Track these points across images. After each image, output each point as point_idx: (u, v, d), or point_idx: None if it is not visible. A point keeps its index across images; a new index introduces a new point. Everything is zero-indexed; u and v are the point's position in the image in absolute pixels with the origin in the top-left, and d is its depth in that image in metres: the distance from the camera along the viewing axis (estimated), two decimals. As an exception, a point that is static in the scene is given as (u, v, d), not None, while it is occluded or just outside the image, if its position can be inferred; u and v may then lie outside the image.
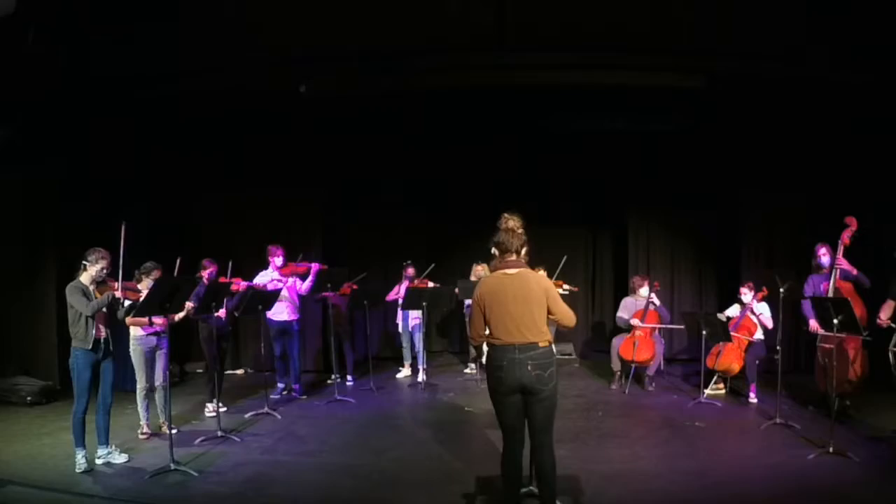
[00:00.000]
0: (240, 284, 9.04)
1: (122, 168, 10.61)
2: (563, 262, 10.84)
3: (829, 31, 7.86)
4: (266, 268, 9.71)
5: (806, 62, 8.56)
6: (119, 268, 6.72)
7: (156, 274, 7.75)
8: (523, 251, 5.21)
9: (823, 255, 8.45)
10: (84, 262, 6.70)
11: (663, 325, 10.41)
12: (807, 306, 8.35)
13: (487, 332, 5.15)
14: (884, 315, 7.26)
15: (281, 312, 9.63)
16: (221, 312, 8.47)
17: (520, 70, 9.11)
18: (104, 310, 6.71)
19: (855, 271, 8.10)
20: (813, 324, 8.23)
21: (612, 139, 11.66)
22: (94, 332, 6.60)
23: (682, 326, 10.62)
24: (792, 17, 7.68)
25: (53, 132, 9.65)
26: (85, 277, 6.68)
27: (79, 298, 6.55)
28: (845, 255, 8.09)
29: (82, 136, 9.97)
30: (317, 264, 9.80)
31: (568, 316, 5.22)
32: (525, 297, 5.02)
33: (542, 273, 5.29)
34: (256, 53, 8.63)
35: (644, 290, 10.50)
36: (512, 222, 5.21)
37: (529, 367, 4.95)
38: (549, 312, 5.12)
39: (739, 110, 10.36)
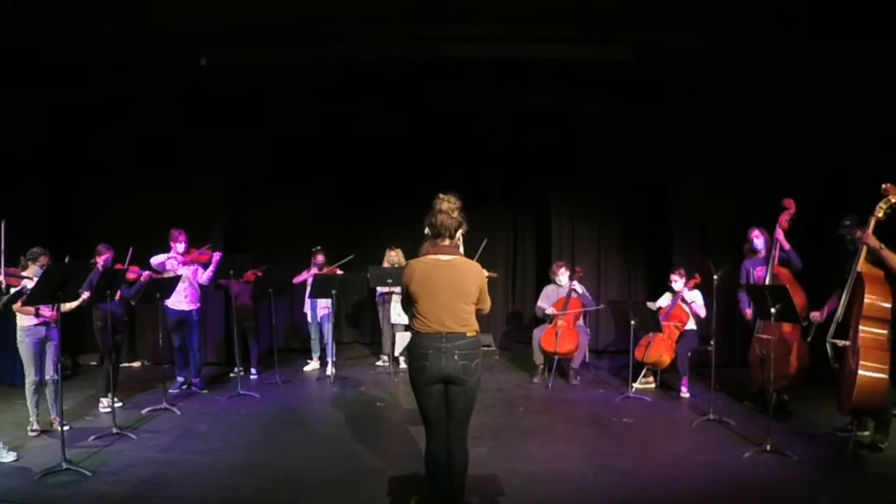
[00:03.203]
0: (138, 273, 8.95)
1: (21, 145, 10.38)
2: (482, 246, 10.74)
3: (762, 2, 7.95)
4: (167, 252, 9.59)
5: (738, 35, 8.64)
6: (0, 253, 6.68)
7: (43, 260, 7.63)
8: (458, 234, 5.20)
9: (756, 238, 8.57)
10: None
11: (582, 309, 10.42)
12: (743, 294, 8.41)
13: (413, 318, 5.16)
14: (826, 309, 7.31)
15: (180, 301, 9.54)
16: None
17: (437, 42, 9.10)
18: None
19: (787, 245, 8.16)
20: (749, 313, 8.29)
21: (535, 115, 11.69)
22: None
23: (602, 306, 10.61)
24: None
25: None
26: None
27: None
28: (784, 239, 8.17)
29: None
30: (219, 254, 9.78)
31: (488, 305, 5.30)
32: (458, 288, 5.05)
33: (480, 266, 5.23)
34: (157, 24, 8.54)
35: (564, 277, 10.52)
36: (447, 203, 5.16)
37: (456, 357, 4.98)
38: None
39: (670, 87, 10.47)
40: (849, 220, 7.09)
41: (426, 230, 5.19)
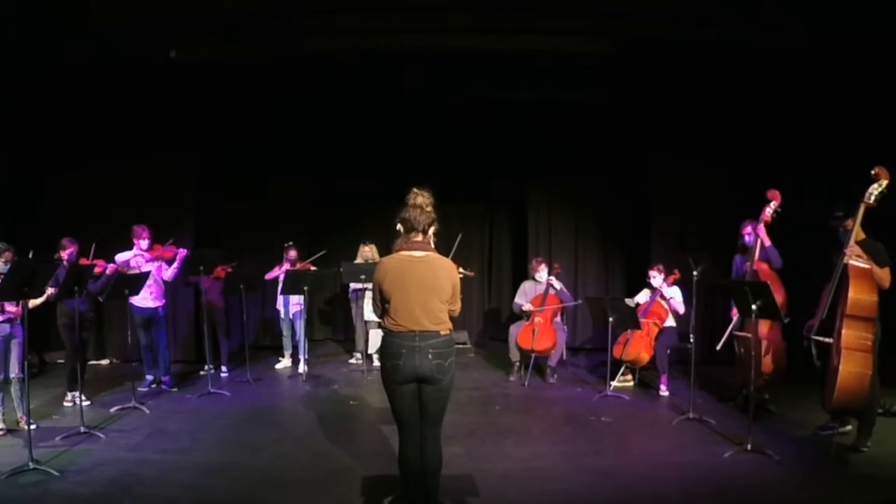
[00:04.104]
0: (104, 267, 8.91)
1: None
2: (457, 242, 10.69)
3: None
4: (130, 249, 9.50)
5: (718, 26, 8.66)
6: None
7: (8, 256, 7.63)
8: (431, 230, 5.18)
9: (748, 234, 8.48)
10: None
11: (560, 305, 10.38)
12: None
13: (385, 317, 5.15)
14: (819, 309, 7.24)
15: (145, 298, 9.46)
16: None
17: (410, 32, 9.11)
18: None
19: (768, 242, 8.12)
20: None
21: (513, 108, 11.67)
22: None
23: (580, 302, 10.60)
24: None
25: None
26: None
27: None
28: (767, 233, 8.11)
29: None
30: (184, 250, 9.70)
31: (458, 307, 5.31)
32: (432, 285, 5.05)
33: (453, 264, 5.21)
34: (125, 17, 8.55)
35: (543, 274, 10.48)
36: (421, 198, 5.16)
37: (430, 356, 4.98)
38: None
39: (649, 79, 10.48)
40: (840, 211, 6.98)
41: (398, 226, 5.17)
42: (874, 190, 6.50)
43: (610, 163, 12.30)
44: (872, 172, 6.54)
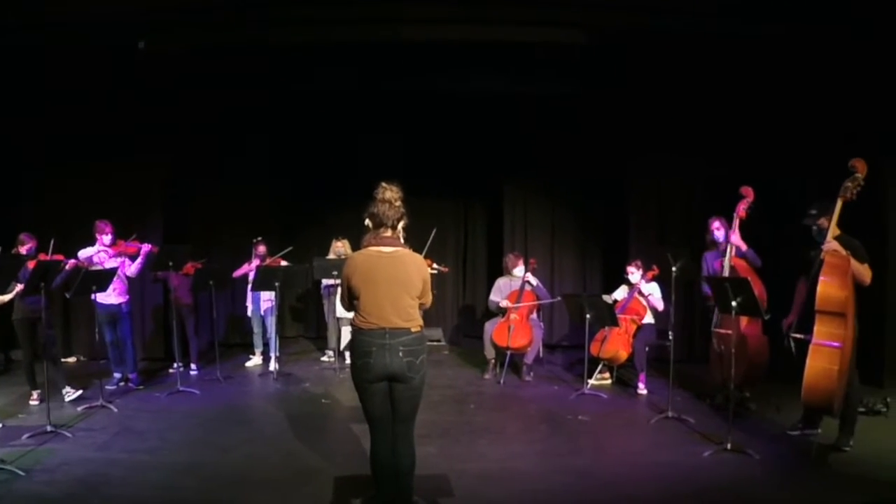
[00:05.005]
0: (64, 262, 8.80)
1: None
2: (431, 237, 10.67)
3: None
4: (92, 244, 9.43)
5: (694, 15, 8.68)
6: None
7: None
8: (400, 226, 5.18)
9: (718, 230, 8.53)
10: None
11: (537, 302, 10.37)
12: (707, 287, 8.40)
13: (354, 314, 5.14)
14: (795, 307, 7.25)
15: (108, 295, 9.38)
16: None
17: (384, 24, 9.08)
18: None
19: (745, 247, 8.16)
20: None
21: (487, 101, 11.64)
22: None
23: (557, 298, 10.62)
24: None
25: None
26: None
27: None
28: (742, 230, 8.14)
29: None
30: (148, 245, 9.61)
31: (430, 299, 5.31)
32: (402, 280, 5.04)
33: (423, 259, 5.20)
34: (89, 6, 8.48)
35: (519, 270, 10.47)
36: (389, 193, 5.15)
37: (401, 354, 4.97)
38: None
39: (627, 71, 10.46)
40: (815, 209, 6.94)
41: (366, 221, 5.17)
42: (850, 184, 6.49)
43: (588, 157, 12.24)
44: (850, 165, 6.54)
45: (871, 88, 8.92)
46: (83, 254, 9.22)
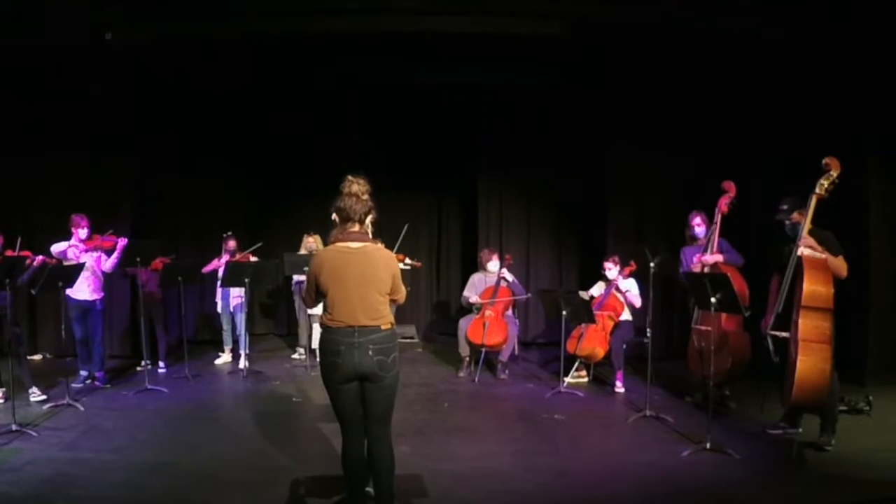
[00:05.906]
0: (32, 258, 8.72)
1: None
2: (404, 232, 10.64)
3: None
4: (68, 239, 9.36)
5: (677, 6, 8.69)
6: None
7: None
8: (368, 220, 5.13)
9: (698, 226, 8.54)
10: None
11: (511, 298, 10.34)
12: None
13: (323, 312, 5.09)
14: (770, 304, 7.25)
15: (82, 290, 9.35)
16: None
17: (356, 15, 9.05)
18: None
19: (721, 258, 8.10)
20: None
21: (463, 93, 11.65)
22: None
23: (529, 295, 10.60)
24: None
25: None
26: None
27: None
28: (723, 225, 8.15)
29: None
30: (124, 239, 9.56)
31: (403, 295, 5.26)
32: (370, 276, 4.98)
33: (391, 253, 5.14)
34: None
35: (494, 265, 10.43)
36: (356, 186, 5.10)
37: (371, 352, 4.90)
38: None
39: (608, 63, 10.51)
40: (786, 203, 6.97)
41: (333, 216, 5.12)
42: (824, 181, 6.54)
43: (564, 151, 12.26)
44: (823, 163, 6.59)
45: (852, 85, 8.96)
46: (56, 248, 9.12)
